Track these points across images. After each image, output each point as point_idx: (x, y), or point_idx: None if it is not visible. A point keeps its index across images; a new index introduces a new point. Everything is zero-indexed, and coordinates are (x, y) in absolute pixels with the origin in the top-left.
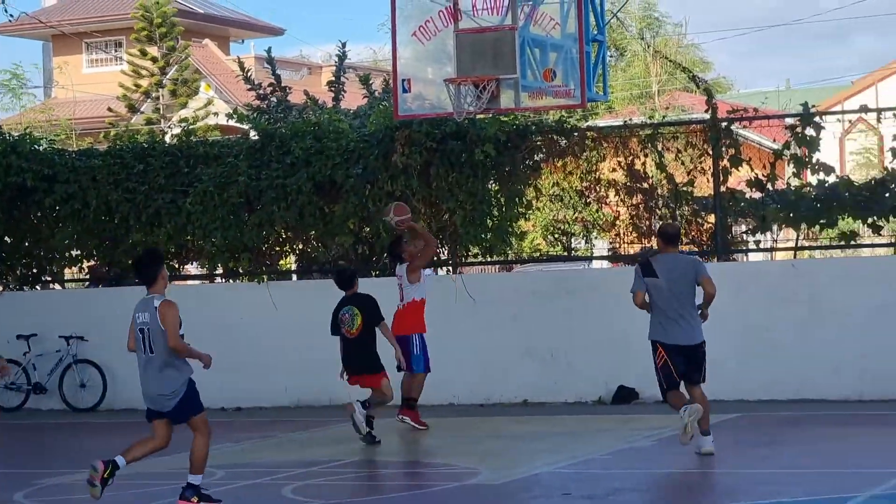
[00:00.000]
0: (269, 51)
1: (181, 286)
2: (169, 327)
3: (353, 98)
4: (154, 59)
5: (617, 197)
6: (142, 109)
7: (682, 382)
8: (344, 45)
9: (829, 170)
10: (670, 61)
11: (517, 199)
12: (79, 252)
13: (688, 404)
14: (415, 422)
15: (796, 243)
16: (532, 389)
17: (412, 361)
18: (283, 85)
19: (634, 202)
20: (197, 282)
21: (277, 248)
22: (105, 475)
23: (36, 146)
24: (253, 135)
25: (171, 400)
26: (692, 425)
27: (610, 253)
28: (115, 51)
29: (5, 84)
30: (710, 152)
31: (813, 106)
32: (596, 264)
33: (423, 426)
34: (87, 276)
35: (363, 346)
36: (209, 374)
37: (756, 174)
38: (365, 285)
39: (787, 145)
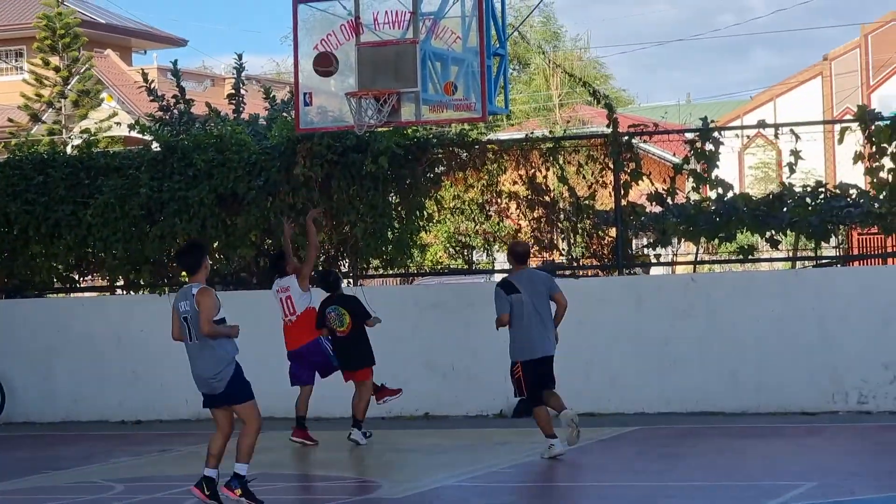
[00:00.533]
0: (175, 63)
1: (80, 298)
2: (203, 313)
3: (255, 110)
4: (57, 69)
5: (518, 210)
6: (44, 119)
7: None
8: (240, 56)
9: (727, 186)
10: (570, 75)
11: (418, 211)
12: None
13: (566, 409)
14: (305, 439)
15: (696, 257)
16: (433, 402)
17: (332, 361)
18: (186, 97)
19: (536, 215)
20: (97, 294)
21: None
22: (207, 494)
23: None
24: (155, 146)
25: (220, 382)
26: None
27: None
28: (16, 60)
29: None
30: (611, 166)
31: (712, 121)
32: (497, 277)
33: (313, 442)
34: None
35: (357, 343)
36: (109, 387)
37: (656, 188)
38: (267, 297)
39: (686, 160)
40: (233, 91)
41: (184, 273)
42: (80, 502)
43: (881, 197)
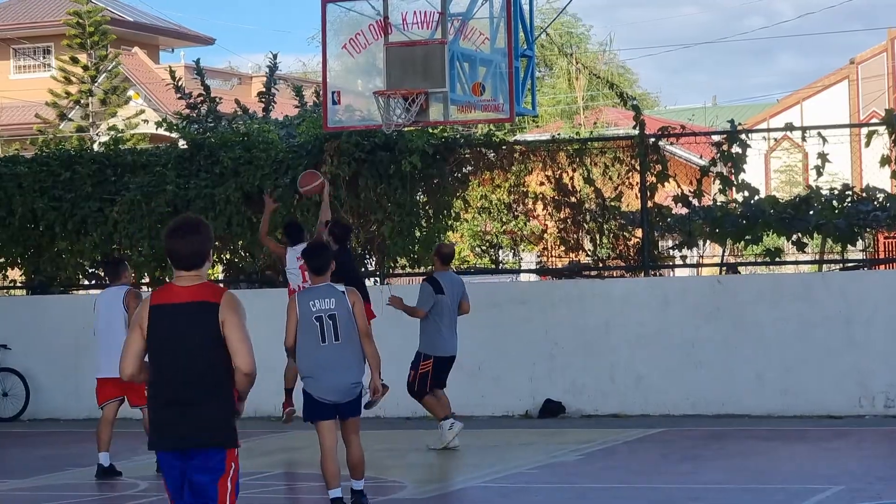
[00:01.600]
0: (197, 61)
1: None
2: (361, 314)
3: (284, 109)
4: (85, 67)
5: (545, 210)
6: (71, 117)
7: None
8: (275, 56)
9: (753, 191)
10: (596, 77)
11: (445, 210)
12: (3, 259)
13: (454, 419)
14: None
15: (722, 259)
16: (459, 403)
17: None
18: (212, 95)
19: (562, 216)
20: None
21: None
22: None
23: None
24: (182, 144)
25: (358, 388)
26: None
27: (537, 266)
28: (44, 57)
29: None
30: (638, 168)
31: (739, 123)
32: (523, 277)
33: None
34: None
35: None
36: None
37: (683, 190)
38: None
39: (713, 162)
40: (263, 90)
41: (209, 271)
42: (104, 499)
43: None
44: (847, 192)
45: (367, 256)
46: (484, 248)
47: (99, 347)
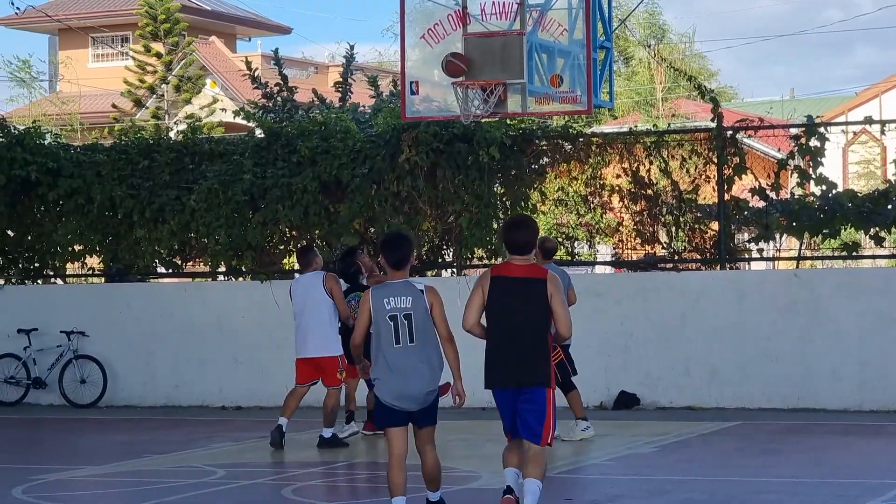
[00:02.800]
0: (276, 51)
1: (182, 283)
2: (439, 314)
3: (360, 99)
4: (158, 55)
5: (621, 203)
6: (147, 105)
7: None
8: (352, 46)
9: (831, 185)
10: (676, 70)
11: (522, 202)
12: (81, 247)
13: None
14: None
15: (799, 253)
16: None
17: None
18: (289, 84)
19: (638, 208)
20: (199, 279)
21: (281, 247)
22: None
23: (41, 140)
24: (258, 133)
25: (433, 394)
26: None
27: (613, 258)
28: (121, 46)
29: (16, 75)
30: (715, 160)
31: (817, 117)
32: (599, 269)
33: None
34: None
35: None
36: (210, 373)
37: (760, 183)
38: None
39: (791, 155)
40: (340, 79)
41: (285, 261)
42: (182, 486)
43: None
44: None
45: (445, 247)
46: (560, 240)
47: (297, 330)
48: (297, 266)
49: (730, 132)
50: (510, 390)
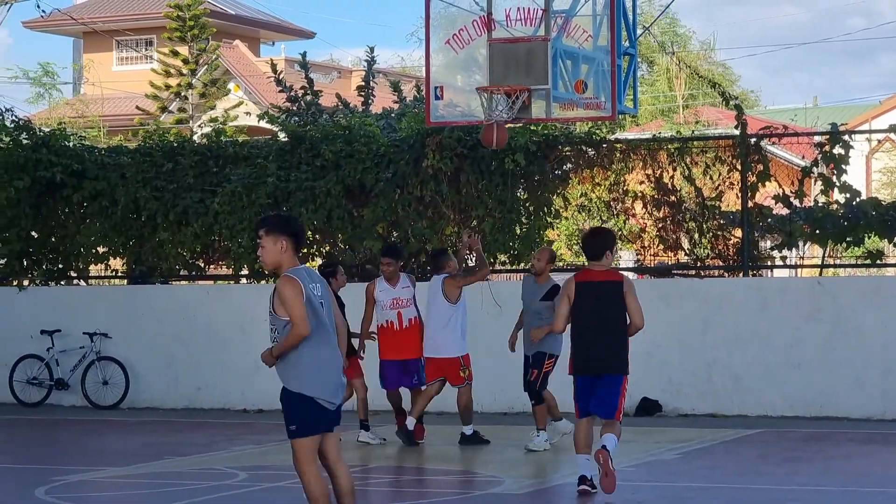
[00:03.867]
0: (304, 55)
1: (205, 286)
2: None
3: (383, 103)
4: (185, 60)
5: (644, 209)
6: (171, 109)
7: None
8: (372, 49)
9: (855, 192)
10: (699, 76)
11: (545, 207)
12: (105, 249)
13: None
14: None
15: (822, 260)
16: (556, 399)
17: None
18: (314, 88)
19: (661, 215)
20: (222, 282)
21: (304, 251)
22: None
23: (66, 142)
24: (282, 137)
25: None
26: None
27: (635, 265)
28: (146, 49)
29: (36, 80)
30: (739, 167)
31: (841, 125)
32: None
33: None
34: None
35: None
36: (232, 376)
37: (784, 190)
38: None
39: (815, 163)
40: (362, 83)
41: (309, 264)
42: (204, 488)
43: None
44: None
45: (468, 252)
46: (581, 245)
47: (426, 331)
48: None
49: (753, 139)
50: (592, 377)
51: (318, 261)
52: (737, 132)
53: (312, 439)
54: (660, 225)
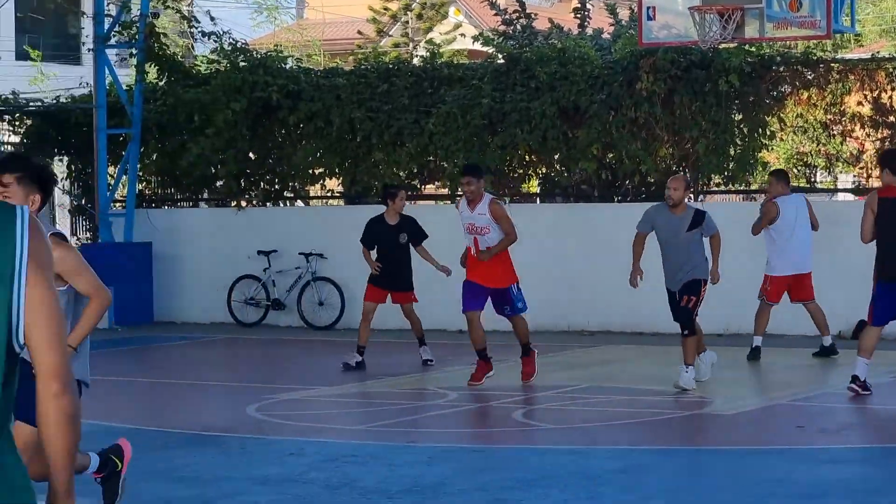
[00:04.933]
0: None
1: (422, 206)
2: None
3: (599, 26)
4: None
5: (862, 131)
6: (390, 33)
7: None
8: None
9: None
10: None
11: (760, 129)
12: (321, 169)
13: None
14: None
15: None
16: (772, 323)
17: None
18: (529, 11)
19: (880, 136)
20: (437, 202)
21: (520, 171)
22: None
23: (283, 64)
24: (498, 59)
25: None
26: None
27: (854, 186)
28: None
29: (259, 2)
30: None
31: None
32: (839, 197)
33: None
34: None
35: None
36: (449, 296)
37: None
38: (608, 210)
39: None
40: (578, 6)
41: (524, 185)
42: (413, 407)
43: None
44: None
45: (683, 172)
46: (799, 168)
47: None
48: (537, 190)
49: None
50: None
51: (535, 183)
52: None
53: None
54: (879, 147)
